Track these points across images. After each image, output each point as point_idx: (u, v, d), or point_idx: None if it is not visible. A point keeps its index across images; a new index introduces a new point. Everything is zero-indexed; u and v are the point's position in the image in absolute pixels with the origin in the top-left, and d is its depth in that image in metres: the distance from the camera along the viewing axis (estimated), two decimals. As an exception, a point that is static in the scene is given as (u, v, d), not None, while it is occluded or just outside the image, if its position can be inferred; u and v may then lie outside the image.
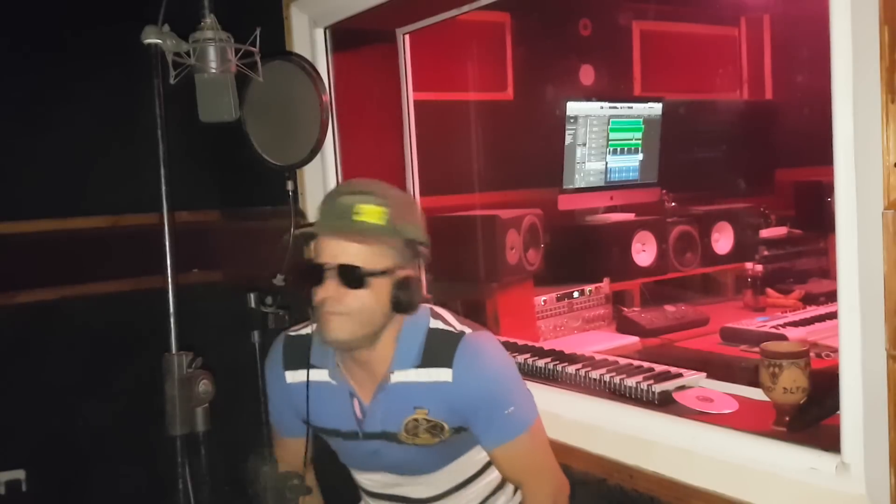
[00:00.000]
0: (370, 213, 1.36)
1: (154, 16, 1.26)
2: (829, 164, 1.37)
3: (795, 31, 3.31)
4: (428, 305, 1.53)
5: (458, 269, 2.60)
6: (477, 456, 1.59)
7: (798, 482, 1.49)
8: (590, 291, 2.70)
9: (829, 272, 3.10)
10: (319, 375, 1.52)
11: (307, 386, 1.50)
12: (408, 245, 1.42)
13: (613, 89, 3.41)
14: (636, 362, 2.04)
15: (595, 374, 1.96)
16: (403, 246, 1.41)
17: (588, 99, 3.01)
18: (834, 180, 1.37)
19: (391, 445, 1.50)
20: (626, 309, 2.73)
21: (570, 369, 2.03)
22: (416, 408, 1.45)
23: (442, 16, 2.45)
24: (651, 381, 1.85)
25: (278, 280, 1.53)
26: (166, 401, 1.24)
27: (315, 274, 1.38)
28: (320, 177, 2.54)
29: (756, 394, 1.73)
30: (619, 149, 3.10)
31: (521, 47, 3.28)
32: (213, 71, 1.28)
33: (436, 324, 1.48)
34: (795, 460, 1.51)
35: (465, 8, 2.33)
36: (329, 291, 1.38)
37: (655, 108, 3.17)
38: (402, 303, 1.41)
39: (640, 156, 3.17)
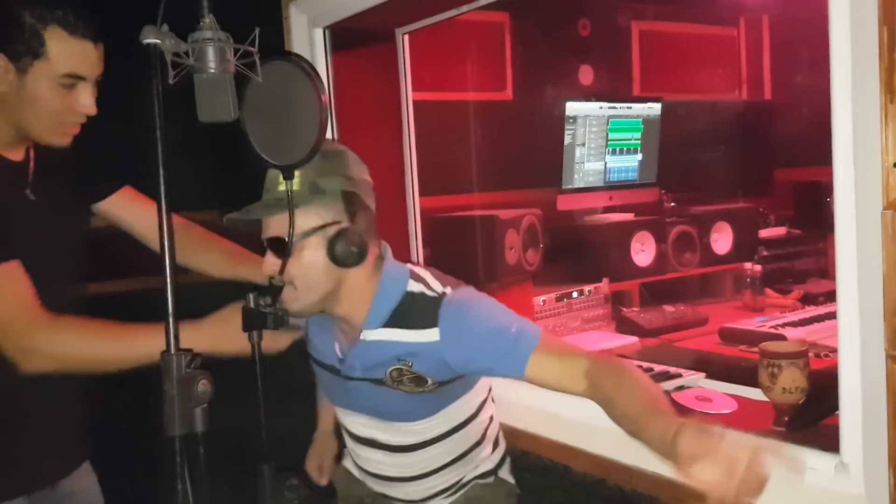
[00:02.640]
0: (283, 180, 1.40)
1: (152, 16, 1.26)
2: (829, 164, 1.37)
3: (794, 32, 3.31)
4: (409, 267, 1.55)
5: (456, 270, 2.59)
6: (459, 411, 1.60)
7: (797, 482, 1.49)
8: (589, 291, 2.70)
9: (828, 272, 3.10)
10: None
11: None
12: (337, 197, 1.43)
13: (612, 89, 3.41)
14: (635, 362, 2.04)
15: (594, 375, 1.96)
16: (331, 199, 1.43)
17: (587, 99, 3.02)
18: (833, 180, 1.37)
19: (374, 388, 1.53)
20: (625, 309, 2.73)
21: (570, 369, 2.03)
22: (399, 359, 1.48)
23: (441, 16, 2.45)
24: (650, 382, 1.85)
25: (277, 280, 1.52)
26: (165, 401, 1.23)
27: (261, 249, 1.47)
28: (319, 177, 2.54)
29: (755, 394, 1.74)
30: (618, 149, 3.10)
31: (520, 47, 3.28)
32: (212, 71, 1.28)
33: (416, 286, 1.50)
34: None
35: (465, 8, 2.33)
36: (267, 265, 1.45)
37: (654, 109, 3.17)
38: (339, 256, 1.41)
39: (640, 156, 3.17)
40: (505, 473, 1.74)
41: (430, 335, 1.45)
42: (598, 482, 1.76)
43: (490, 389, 1.70)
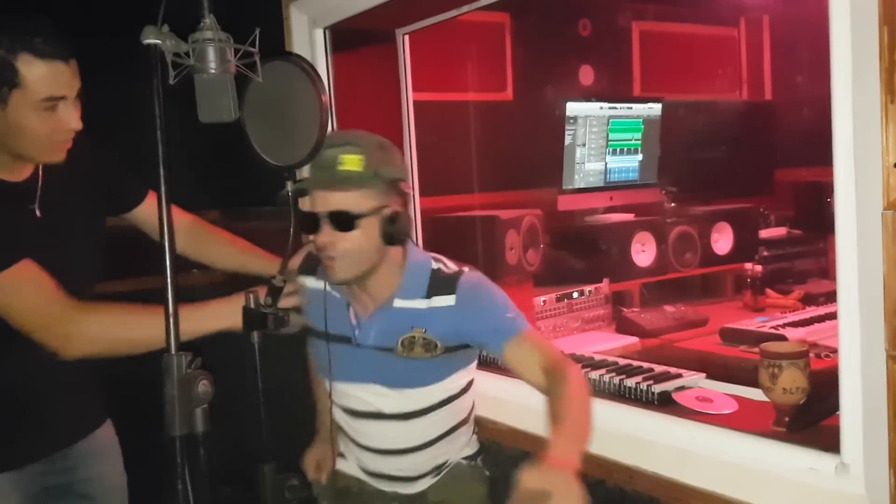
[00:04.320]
0: (350, 161, 1.54)
1: (153, 16, 1.26)
2: (829, 164, 1.37)
3: (795, 32, 3.31)
4: (428, 253, 1.74)
5: (457, 270, 2.60)
6: (454, 384, 1.73)
7: (797, 482, 1.49)
8: (589, 292, 2.70)
9: (828, 272, 3.10)
10: (320, 285, 1.73)
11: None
12: (389, 184, 1.59)
13: (613, 90, 3.41)
14: (636, 363, 2.04)
15: (595, 375, 1.96)
16: (385, 185, 1.58)
17: (587, 99, 3.01)
18: (833, 181, 1.37)
19: (384, 356, 1.67)
20: (625, 309, 2.73)
21: (570, 370, 2.03)
22: (413, 327, 1.65)
23: (442, 16, 2.45)
24: (651, 382, 1.85)
25: (277, 280, 1.52)
26: (165, 401, 1.24)
27: (312, 223, 1.57)
28: (320, 177, 2.55)
29: (756, 394, 1.73)
30: (618, 149, 3.10)
31: (520, 48, 3.28)
32: (213, 71, 1.28)
33: (437, 265, 1.69)
34: (795, 461, 1.51)
35: (465, 8, 2.33)
36: (325, 237, 1.56)
37: (655, 109, 3.17)
38: (392, 235, 1.59)
39: (640, 156, 3.17)
40: (480, 462, 1.86)
41: (447, 301, 1.63)
42: (598, 483, 1.76)
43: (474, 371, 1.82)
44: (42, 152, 1.60)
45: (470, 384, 1.80)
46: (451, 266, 1.69)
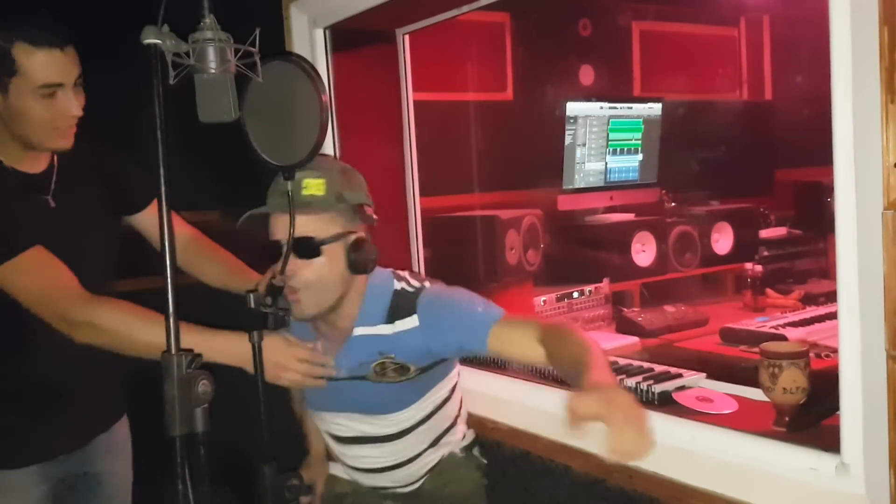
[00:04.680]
0: (313, 185, 1.48)
1: (153, 16, 1.26)
2: (829, 164, 1.37)
3: (795, 32, 3.31)
4: (390, 270, 1.66)
5: (457, 270, 2.60)
6: (437, 395, 1.70)
7: (797, 482, 1.49)
8: (589, 292, 2.70)
9: (828, 272, 3.10)
10: None
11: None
12: (353, 209, 1.54)
13: (613, 89, 3.41)
14: (636, 362, 2.04)
15: (595, 375, 1.96)
16: (350, 211, 1.53)
17: (588, 99, 3.02)
18: (834, 180, 1.37)
19: (359, 385, 1.61)
20: (625, 309, 2.72)
21: (570, 369, 2.03)
22: (380, 353, 1.59)
23: (442, 16, 2.45)
24: (651, 382, 1.85)
25: (277, 280, 1.52)
26: (165, 401, 1.24)
27: (273, 251, 1.50)
28: (320, 177, 2.54)
29: (756, 394, 1.73)
30: (618, 149, 3.10)
31: (520, 47, 3.28)
32: (213, 71, 1.28)
33: (400, 285, 1.62)
34: (795, 460, 1.51)
35: (465, 8, 2.33)
36: (291, 266, 1.49)
37: (655, 109, 3.17)
38: (358, 262, 1.53)
39: (640, 156, 3.17)
40: (476, 452, 1.85)
41: (410, 322, 1.57)
42: (598, 482, 1.76)
43: (458, 374, 1.79)
44: (47, 138, 1.64)
45: (454, 388, 1.77)
46: (413, 283, 1.62)
